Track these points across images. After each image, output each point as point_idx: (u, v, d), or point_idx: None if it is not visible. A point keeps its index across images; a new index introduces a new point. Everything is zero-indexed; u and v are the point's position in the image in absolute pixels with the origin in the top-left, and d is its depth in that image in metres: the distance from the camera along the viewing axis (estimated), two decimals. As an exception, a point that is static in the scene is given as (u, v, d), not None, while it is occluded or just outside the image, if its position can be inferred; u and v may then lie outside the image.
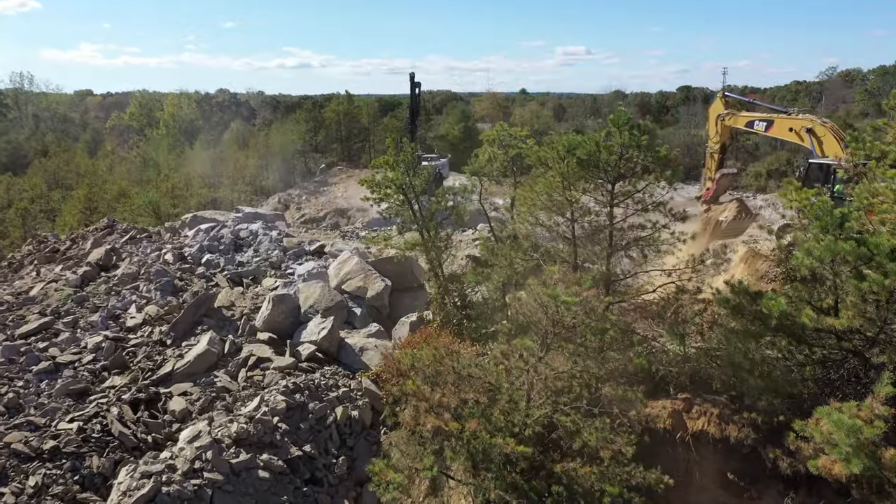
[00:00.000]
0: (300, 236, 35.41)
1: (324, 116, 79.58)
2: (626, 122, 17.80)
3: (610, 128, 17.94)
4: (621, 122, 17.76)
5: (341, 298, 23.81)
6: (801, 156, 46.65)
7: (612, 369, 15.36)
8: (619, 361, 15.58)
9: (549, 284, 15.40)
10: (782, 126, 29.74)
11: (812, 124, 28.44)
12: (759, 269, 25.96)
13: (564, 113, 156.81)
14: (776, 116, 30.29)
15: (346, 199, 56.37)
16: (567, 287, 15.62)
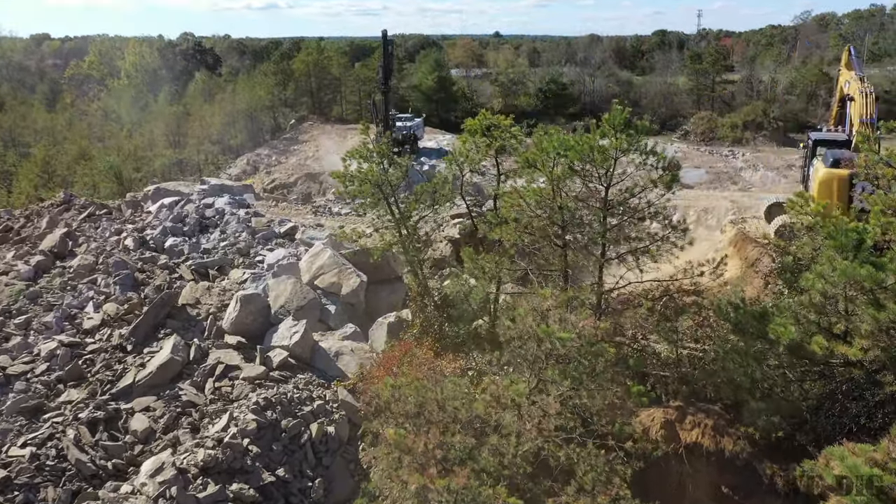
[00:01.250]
0: (269, 213, 33.49)
1: (292, 69, 76.10)
2: (622, 123, 16.23)
3: (605, 128, 16.38)
4: (617, 122, 16.19)
5: (314, 296, 22.25)
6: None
7: (609, 403, 14.19)
8: (616, 394, 14.40)
9: (541, 309, 14.11)
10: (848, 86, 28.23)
11: (852, 90, 26.88)
12: (749, 256, 24.85)
13: (539, 57, 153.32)
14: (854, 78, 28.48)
15: (317, 159, 54.06)
16: (560, 312, 14.32)
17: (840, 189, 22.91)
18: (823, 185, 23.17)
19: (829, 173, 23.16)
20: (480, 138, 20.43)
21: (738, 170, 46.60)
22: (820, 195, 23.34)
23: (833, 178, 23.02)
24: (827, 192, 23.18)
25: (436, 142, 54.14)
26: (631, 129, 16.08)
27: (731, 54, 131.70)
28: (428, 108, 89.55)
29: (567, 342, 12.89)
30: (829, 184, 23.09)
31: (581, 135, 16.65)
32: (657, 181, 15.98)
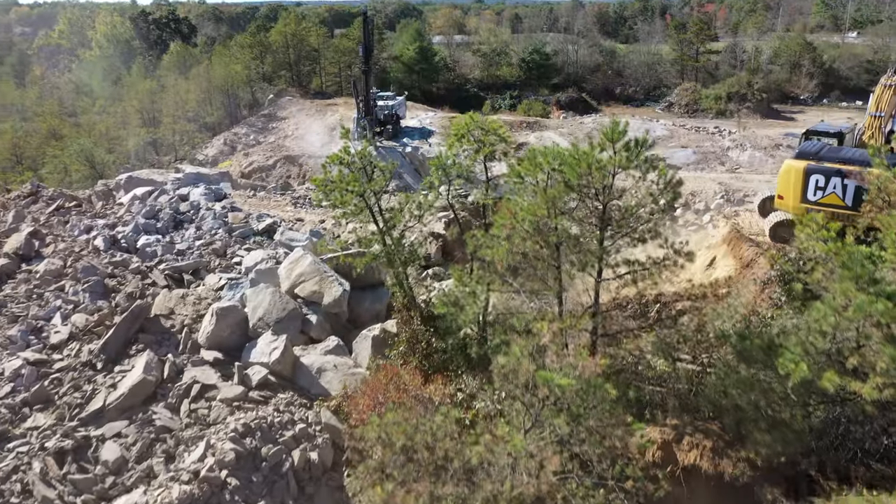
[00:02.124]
0: (247, 204, 32.02)
1: (269, 41, 73.53)
2: (621, 139, 15.07)
3: (603, 142, 15.22)
4: (616, 137, 15.02)
5: (294, 305, 21.06)
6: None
7: (610, 446, 13.28)
8: (617, 436, 13.48)
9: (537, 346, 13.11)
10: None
11: (880, 84, 25.87)
12: (743, 256, 23.92)
13: (521, 24, 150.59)
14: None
15: (296, 139, 52.28)
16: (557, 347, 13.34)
17: (796, 180, 22.42)
18: (782, 175, 22.86)
19: (788, 164, 22.71)
20: (469, 143, 19.12)
21: (725, 149, 45.58)
22: (780, 185, 23.09)
23: (790, 170, 22.53)
24: (785, 182, 22.87)
25: (418, 120, 52.51)
26: (630, 143, 14.96)
27: (714, 21, 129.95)
28: (409, 80, 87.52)
29: (567, 389, 11.95)
30: (787, 174, 22.72)
31: (576, 149, 15.46)
32: (657, 199, 14.92)
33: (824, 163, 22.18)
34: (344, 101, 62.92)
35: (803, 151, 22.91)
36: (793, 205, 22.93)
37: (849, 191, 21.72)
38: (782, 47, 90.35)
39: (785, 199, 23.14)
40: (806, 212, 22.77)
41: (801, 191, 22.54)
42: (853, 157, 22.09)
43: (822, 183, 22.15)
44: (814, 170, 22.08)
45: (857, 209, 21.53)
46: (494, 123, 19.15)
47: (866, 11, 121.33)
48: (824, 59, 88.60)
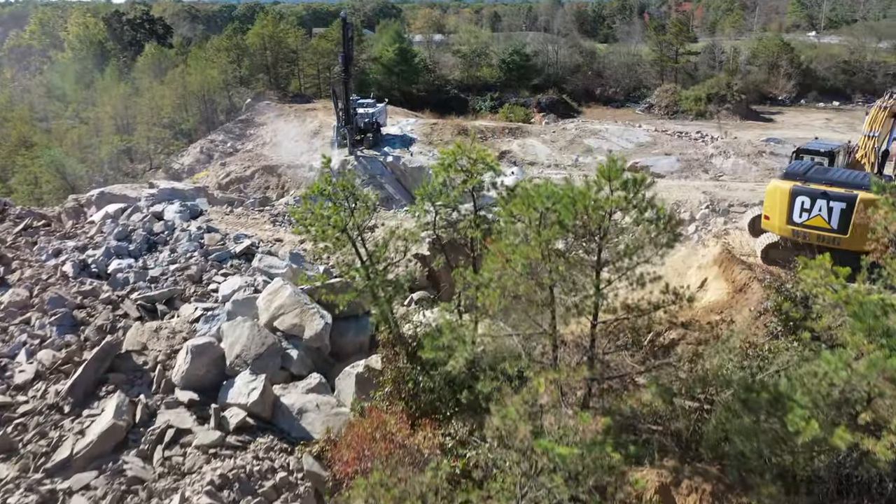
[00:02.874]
0: (223, 222, 30.78)
1: (246, 43, 71.88)
2: (619, 177, 14.20)
3: (599, 180, 14.36)
4: (613, 176, 14.17)
5: (274, 340, 19.98)
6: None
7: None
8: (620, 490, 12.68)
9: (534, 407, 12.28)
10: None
11: (875, 106, 25.37)
12: (736, 279, 23.18)
13: (500, 21, 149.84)
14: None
15: (274, 146, 50.94)
16: (554, 411, 12.54)
17: (781, 201, 21.80)
18: (768, 195, 22.22)
19: (774, 185, 22.07)
20: (456, 171, 18.10)
21: (708, 157, 45.03)
22: (766, 204, 22.45)
23: (776, 190, 21.88)
24: (771, 202, 22.24)
25: (399, 127, 51.37)
26: (629, 182, 14.10)
27: (691, 20, 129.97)
28: (389, 81, 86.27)
29: (568, 458, 11.12)
30: (773, 194, 22.08)
31: (571, 186, 14.57)
32: (657, 241, 14.09)
33: (810, 184, 21.52)
34: (323, 106, 61.61)
35: (791, 171, 22.24)
36: (778, 226, 22.30)
37: (834, 213, 21.08)
38: (760, 48, 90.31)
39: (771, 220, 22.49)
40: (792, 233, 22.17)
41: (786, 212, 21.88)
42: (840, 178, 21.46)
43: (807, 205, 21.50)
44: (799, 191, 21.41)
45: (843, 232, 20.93)
46: (482, 152, 18.13)
47: (841, 11, 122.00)
48: (801, 59, 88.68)
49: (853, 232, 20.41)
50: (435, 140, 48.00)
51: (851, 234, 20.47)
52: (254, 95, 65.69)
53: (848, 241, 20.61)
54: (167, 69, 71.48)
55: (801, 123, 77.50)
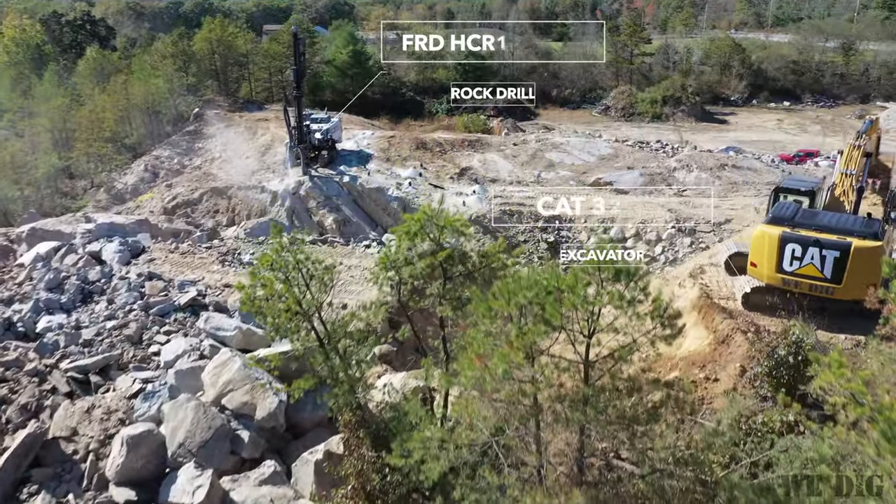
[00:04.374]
0: (167, 262, 28.10)
1: (193, 49, 68.19)
2: (609, 265, 12.40)
3: (587, 269, 12.52)
4: (605, 269, 12.37)
5: (222, 421, 17.70)
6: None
7: None
8: None
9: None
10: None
11: (859, 139, 24.12)
12: (718, 328, 21.67)
13: (453, 18, 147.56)
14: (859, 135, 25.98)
15: (224, 163, 47.99)
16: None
17: (770, 249, 20.23)
18: (756, 242, 20.58)
19: (762, 231, 20.49)
20: (420, 240, 15.97)
21: (671, 170, 43.81)
22: (753, 254, 20.73)
23: (764, 237, 20.29)
24: (758, 249, 20.62)
25: (355, 141, 48.87)
26: (621, 272, 12.30)
27: (643, 17, 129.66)
28: (343, 84, 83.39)
29: None
30: (760, 241, 20.48)
31: (556, 276, 12.66)
32: (654, 341, 12.32)
33: (800, 230, 20.01)
34: (275, 115, 58.66)
35: (778, 216, 20.67)
36: (767, 274, 20.75)
37: (827, 262, 19.63)
38: (713, 48, 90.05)
39: (759, 267, 20.91)
40: (781, 282, 20.67)
41: (776, 260, 20.30)
42: (831, 224, 20.05)
43: (798, 253, 19.97)
44: (790, 238, 19.87)
45: (837, 282, 19.55)
46: (451, 219, 16.04)
47: (787, 9, 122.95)
48: (753, 59, 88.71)
49: (848, 281, 19.04)
50: (393, 156, 45.72)
51: (846, 283, 19.09)
52: (202, 104, 62.28)
53: (842, 291, 19.24)
54: (110, 75, 67.40)
55: (755, 125, 77.41)
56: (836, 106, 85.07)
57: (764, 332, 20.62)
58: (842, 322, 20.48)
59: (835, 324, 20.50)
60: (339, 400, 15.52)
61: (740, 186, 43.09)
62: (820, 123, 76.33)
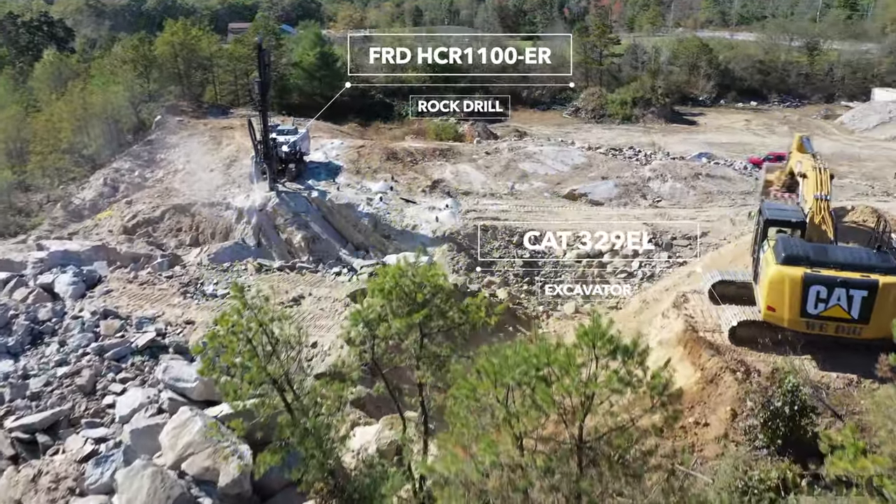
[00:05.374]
0: (124, 294, 26.31)
1: (155, 53, 65.55)
2: (606, 341, 11.23)
3: (580, 344, 11.35)
4: (597, 340, 11.18)
5: (181, 489, 16.15)
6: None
7: None
8: None
9: None
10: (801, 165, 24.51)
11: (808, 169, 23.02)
12: (705, 366, 20.62)
13: (422, 16, 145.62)
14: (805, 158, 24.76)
15: (187, 176, 45.91)
16: None
17: (792, 292, 18.67)
18: (774, 286, 18.79)
19: (780, 273, 18.72)
20: (396, 303, 14.51)
21: (646, 180, 42.92)
22: (770, 297, 19.04)
23: (784, 279, 18.69)
24: (777, 294, 18.90)
25: (323, 152, 47.07)
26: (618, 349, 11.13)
27: (610, 15, 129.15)
28: (310, 86, 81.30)
29: None
30: (779, 284, 18.74)
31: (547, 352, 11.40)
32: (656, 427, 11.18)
33: (821, 269, 18.57)
34: (240, 123, 56.50)
35: (791, 255, 18.88)
36: (789, 318, 19.00)
37: (855, 302, 18.32)
38: (680, 48, 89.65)
39: (777, 312, 19.13)
40: (805, 326, 19.21)
41: (799, 303, 18.61)
42: (848, 259, 18.84)
43: (823, 294, 18.45)
44: (813, 280, 18.28)
45: (864, 321, 18.32)
46: (427, 276, 14.62)
47: (752, 7, 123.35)
48: (720, 59, 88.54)
49: (875, 320, 17.95)
50: (363, 168, 44.08)
51: (873, 322, 18.00)
52: (164, 111, 59.85)
53: (870, 330, 18.14)
54: (68, 80, 64.57)
55: (723, 126, 77.15)
56: (801, 105, 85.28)
57: (754, 371, 19.63)
58: (833, 360, 19.66)
59: (826, 362, 19.66)
60: (308, 475, 14.12)
61: (715, 196, 42.36)
62: (787, 124, 76.30)
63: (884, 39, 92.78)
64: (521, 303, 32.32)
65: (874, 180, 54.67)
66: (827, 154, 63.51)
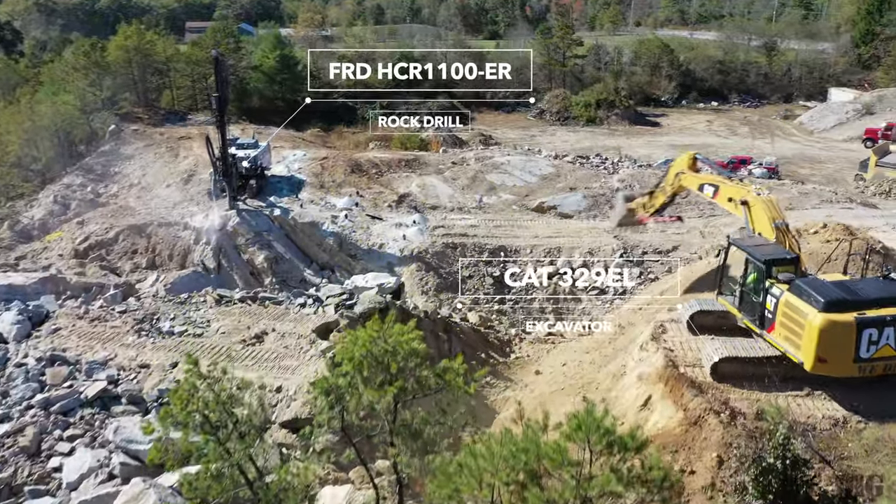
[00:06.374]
0: (74, 337, 24.43)
1: (108, 60, 62.73)
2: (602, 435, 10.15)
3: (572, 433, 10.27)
4: (592, 433, 10.11)
5: (134, 572, 14.69)
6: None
7: None
8: None
9: None
10: (725, 193, 23.24)
11: (747, 196, 22.05)
12: (688, 407, 19.75)
13: (384, 14, 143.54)
14: (722, 182, 23.64)
15: (143, 191, 43.78)
16: None
17: (847, 339, 17.41)
18: (825, 336, 17.26)
19: (830, 322, 17.16)
20: (367, 371, 13.23)
21: (614, 191, 42.20)
22: (821, 349, 17.54)
23: (837, 328, 17.25)
24: (830, 344, 17.41)
25: (285, 164, 45.33)
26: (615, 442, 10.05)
27: (571, 13, 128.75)
28: (271, 90, 79.13)
29: None
30: (832, 333, 17.22)
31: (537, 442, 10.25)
32: None
33: (866, 311, 17.57)
34: (199, 132, 54.30)
35: (833, 300, 17.51)
36: (842, 367, 17.87)
37: None
38: (642, 49, 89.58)
39: (830, 363, 17.92)
40: (858, 370, 18.25)
41: (853, 350, 17.52)
42: (877, 294, 17.99)
43: (875, 336, 17.46)
44: (866, 323, 17.19)
45: None
46: (401, 342, 13.29)
47: (710, 6, 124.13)
48: (681, 60, 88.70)
49: None
50: (327, 181, 42.49)
51: None
52: (118, 119, 57.27)
53: None
54: (16, 86, 61.49)
55: (686, 127, 77.23)
56: (761, 106, 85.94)
57: (739, 414, 18.82)
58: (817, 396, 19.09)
59: (812, 402, 19.05)
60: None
61: (682, 207, 41.72)
62: (748, 125, 76.73)
63: (838, 39, 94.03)
64: (492, 325, 31.25)
65: (835, 183, 54.99)
66: (788, 156, 64.28)
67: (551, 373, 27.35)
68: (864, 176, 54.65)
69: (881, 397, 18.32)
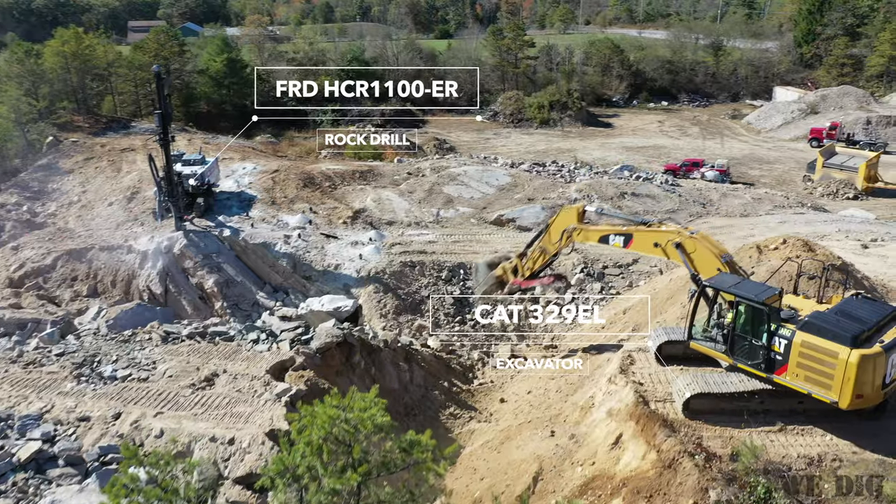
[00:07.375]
0: (6, 384, 22.30)
1: (43, 68, 59.27)
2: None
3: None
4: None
5: None
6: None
7: None
8: None
9: None
10: (644, 240, 22.32)
11: (679, 237, 21.24)
12: (661, 448, 18.97)
13: (333, 13, 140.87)
14: (635, 229, 22.80)
15: (84, 210, 41.20)
16: None
17: (878, 371, 17.42)
18: (861, 372, 17.04)
19: (865, 357, 17.08)
20: (328, 456, 11.91)
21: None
22: (858, 384, 17.23)
23: (871, 363, 17.12)
24: (865, 378, 17.25)
25: (234, 179, 43.25)
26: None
27: (521, 11, 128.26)
28: (219, 95, 76.50)
29: None
30: (866, 369, 17.10)
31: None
32: None
33: (884, 336, 17.48)
34: (142, 143, 51.81)
35: (855, 335, 17.34)
36: (873, 398, 17.81)
37: None
38: (593, 49, 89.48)
39: (865, 397, 17.69)
40: (882, 396, 18.15)
41: (882, 378, 17.45)
42: (876, 315, 17.92)
43: (894, 360, 17.63)
44: (891, 349, 17.24)
45: None
46: (363, 418, 12.01)
47: (657, 5, 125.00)
48: (631, 60, 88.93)
49: None
50: (278, 197, 40.62)
51: None
52: (57, 130, 54.22)
53: None
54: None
55: (638, 128, 77.31)
56: (709, 105, 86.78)
57: (713, 456, 18.15)
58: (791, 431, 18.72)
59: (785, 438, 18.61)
60: None
61: (642, 217, 41.32)
62: (698, 124, 77.25)
63: (781, 38, 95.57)
64: (454, 350, 30.14)
65: (785, 185, 55.49)
66: (738, 157, 64.72)
67: (516, 401, 26.35)
68: (811, 177, 55.30)
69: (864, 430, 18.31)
